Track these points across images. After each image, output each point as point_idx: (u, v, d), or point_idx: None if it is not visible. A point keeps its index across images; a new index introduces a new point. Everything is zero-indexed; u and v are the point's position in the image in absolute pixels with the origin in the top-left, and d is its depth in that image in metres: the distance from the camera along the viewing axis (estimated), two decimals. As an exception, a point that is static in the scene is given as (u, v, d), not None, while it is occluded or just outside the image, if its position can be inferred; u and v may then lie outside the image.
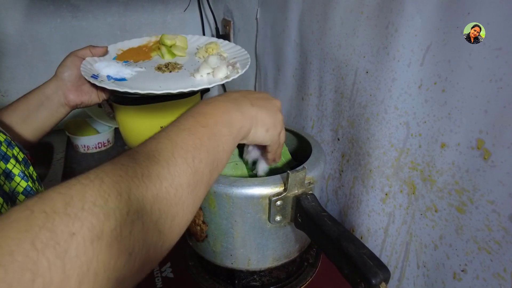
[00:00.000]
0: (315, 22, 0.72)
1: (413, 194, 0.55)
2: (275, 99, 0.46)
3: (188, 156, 0.29)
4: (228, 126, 0.35)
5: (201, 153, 0.30)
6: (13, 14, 1.07)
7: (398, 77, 0.54)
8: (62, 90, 0.59)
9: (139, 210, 0.24)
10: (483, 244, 0.45)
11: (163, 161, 0.27)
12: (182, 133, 0.31)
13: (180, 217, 0.28)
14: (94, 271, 0.21)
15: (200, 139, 0.31)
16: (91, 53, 0.62)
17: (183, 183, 0.28)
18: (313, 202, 0.44)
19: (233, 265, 0.52)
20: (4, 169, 0.40)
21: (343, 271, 0.38)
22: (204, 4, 1.26)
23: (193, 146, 0.30)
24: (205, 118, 0.34)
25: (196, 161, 0.29)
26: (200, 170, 0.30)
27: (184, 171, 0.28)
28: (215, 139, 0.33)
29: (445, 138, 0.48)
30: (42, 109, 0.58)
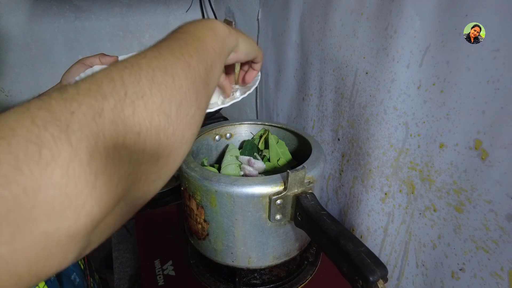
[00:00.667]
0: (316, 23, 0.73)
1: (412, 193, 0.56)
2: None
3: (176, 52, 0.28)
4: (211, 29, 0.35)
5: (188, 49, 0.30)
6: (17, 15, 1.08)
7: (398, 78, 0.54)
8: None
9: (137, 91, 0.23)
10: (481, 243, 0.46)
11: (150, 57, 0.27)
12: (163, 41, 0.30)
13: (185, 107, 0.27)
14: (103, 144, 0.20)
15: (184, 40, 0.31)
16: (100, 61, 0.61)
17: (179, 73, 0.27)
18: (313, 201, 0.44)
19: (233, 263, 0.53)
20: None
21: (342, 269, 0.38)
22: (206, 5, 1.27)
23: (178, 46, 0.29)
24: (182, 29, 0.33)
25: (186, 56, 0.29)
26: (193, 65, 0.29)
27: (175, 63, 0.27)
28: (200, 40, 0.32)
29: (443, 138, 0.49)
30: None
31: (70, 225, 0.18)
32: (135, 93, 0.23)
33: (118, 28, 1.25)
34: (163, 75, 0.26)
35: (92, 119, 0.20)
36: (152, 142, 0.24)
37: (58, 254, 0.18)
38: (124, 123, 0.22)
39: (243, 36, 0.42)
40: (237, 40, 0.40)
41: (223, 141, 0.69)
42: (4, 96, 1.16)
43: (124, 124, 0.22)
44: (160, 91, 0.25)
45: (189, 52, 0.29)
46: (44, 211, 0.17)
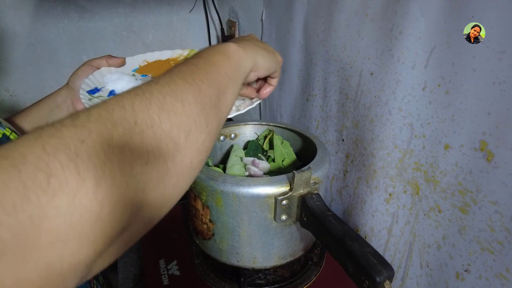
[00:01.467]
0: (320, 24, 0.73)
1: (416, 194, 0.56)
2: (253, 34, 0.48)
3: (187, 77, 0.29)
4: (224, 54, 0.35)
5: (200, 74, 0.30)
6: (22, 15, 1.09)
7: (403, 79, 0.54)
8: (71, 98, 0.59)
9: (147, 120, 0.24)
10: (486, 244, 0.46)
11: (162, 83, 0.27)
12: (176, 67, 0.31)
13: (194, 134, 0.27)
14: (110, 173, 0.20)
15: (196, 65, 0.31)
16: (108, 63, 0.61)
17: (189, 99, 0.27)
18: (318, 202, 0.45)
19: (239, 263, 0.53)
20: None
21: (348, 270, 0.39)
22: (210, 5, 1.27)
23: (190, 71, 0.30)
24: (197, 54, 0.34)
25: (197, 81, 0.29)
26: (204, 90, 0.29)
27: (186, 88, 0.28)
28: (212, 64, 0.32)
29: (448, 139, 0.49)
30: (52, 116, 0.59)
31: (73, 254, 0.18)
32: (145, 121, 0.24)
33: (122, 28, 1.25)
34: (173, 101, 0.26)
35: (101, 147, 0.20)
36: (160, 171, 0.24)
37: (59, 282, 0.18)
38: (132, 152, 0.22)
39: (262, 52, 0.41)
40: (254, 59, 0.40)
41: (227, 141, 0.70)
42: (9, 96, 1.16)
43: (132, 153, 0.22)
44: (169, 118, 0.25)
45: (200, 77, 0.30)
46: (49, 240, 0.17)
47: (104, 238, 0.20)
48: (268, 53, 0.42)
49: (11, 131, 0.43)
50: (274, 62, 0.44)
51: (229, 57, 0.35)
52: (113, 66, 0.62)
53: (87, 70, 0.58)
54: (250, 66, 0.39)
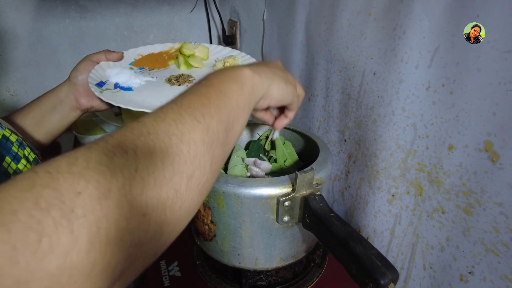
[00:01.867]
0: (322, 24, 0.72)
1: (420, 195, 0.56)
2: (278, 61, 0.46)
3: (197, 113, 0.27)
4: (238, 81, 0.33)
5: (210, 109, 0.28)
6: (23, 15, 1.08)
7: (406, 79, 0.54)
8: (74, 94, 0.59)
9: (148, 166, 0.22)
10: (490, 246, 0.45)
11: (169, 120, 0.26)
12: (187, 96, 0.29)
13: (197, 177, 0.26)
14: (105, 231, 0.19)
15: (207, 96, 0.29)
16: (106, 58, 0.62)
17: (196, 139, 0.26)
18: (321, 203, 0.44)
19: (240, 264, 0.53)
20: (15, 169, 0.40)
21: (351, 272, 0.38)
22: (211, 5, 1.27)
23: (201, 104, 0.28)
24: (208, 81, 0.32)
25: (207, 118, 0.27)
26: (213, 127, 0.28)
27: (194, 127, 0.26)
28: (224, 96, 0.31)
29: (452, 140, 0.49)
30: (55, 112, 0.59)
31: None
32: (146, 168, 0.22)
33: (123, 28, 1.25)
34: (179, 143, 0.25)
35: (98, 202, 0.19)
36: (157, 221, 0.23)
37: None
38: (130, 205, 0.21)
39: (278, 82, 0.39)
40: (268, 86, 0.37)
41: (229, 141, 0.69)
42: (10, 96, 1.16)
43: (130, 205, 0.21)
44: (173, 164, 0.24)
45: (210, 113, 0.28)
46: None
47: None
48: (286, 83, 0.40)
49: (11, 131, 0.43)
50: (291, 94, 0.42)
51: (242, 86, 0.33)
52: (111, 60, 0.63)
53: (87, 65, 0.59)
54: (263, 92, 0.37)
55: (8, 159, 0.39)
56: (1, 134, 0.40)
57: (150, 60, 0.70)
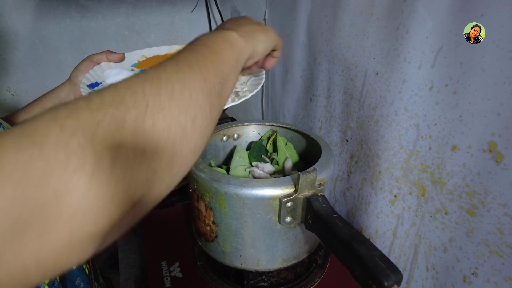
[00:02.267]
0: (324, 23, 0.72)
1: (422, 196, 0.55)
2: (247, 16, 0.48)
3: (194, 67, 0.30)
4: (227, 42, 0.36)
5: (205, 63, 0.31)
6: (24, 15, 1.08)
7: (409, 79, 0.54)
8: (74, 94, 0.60)
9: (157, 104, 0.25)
10: (494, 247, 0.45)
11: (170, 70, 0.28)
12: (183, 53, 0.32)
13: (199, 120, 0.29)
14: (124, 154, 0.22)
15: (202, 54, 0.32)
16: (107, 58, 0.61)
17: (196, 87, 0.29)
18: (324, 204, 0.44)
19: (242, 265, 0.53)
20: None
21: (354, 273, 0.38)
22: (212, 4, 1.27)
23: (196, 59, 0.31)
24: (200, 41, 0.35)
25: (203, 70, 0.30)
26: (209, 79, 0.30)
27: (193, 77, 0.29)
28: (217, 53, 0.34)
29: (456, 140, 0.48)
30: None
31: (91, 226, 0.20)
32: (156, 106, 0.25)
33: (124, 28, 1.24)
34: (182, 89, 0.27)
35: (116, 129, 0.22)
36: (169, 152, 0.25)
37: (79, 250, 0.20)
38: (144, 134, 0.23)
39: (259, 37, 0.42)
40: (253, 46, 0.41)
41: (230, 141, 0.69)
42: (10, 96, 1.16)
43: (144, 134, 0.23)
44: (178, 105, 0.26)
45: (206, 66, 0.31)
46: (70, 213, 0.19)
47: (119, 211, 0.21)
48: (265, 35, 0.43)
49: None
50: (270, 42, 0.45)
51: (232, 46, 0.36)
52: (113, 61, 0.63)
53: (88, 65, 0.59)
54: (250, 52, 0.40)
55: None
56: None
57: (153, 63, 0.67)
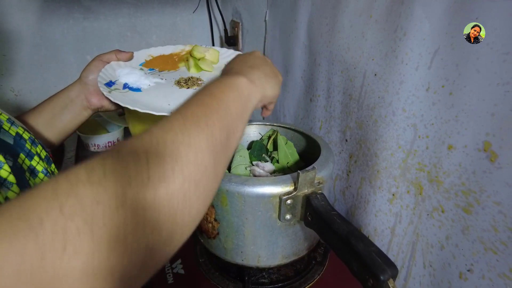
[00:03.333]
0: (324, 25, 0.73)
1: (420, 194, 0.56)
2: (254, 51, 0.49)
3: (201, 123, 0.29)
4: (235, 90, 0.36)
5: (213, 117, 0.31)
6: (27, 16, 1.10)
7: (406, 80, 0.55)
8: (85, 93, 0.60)
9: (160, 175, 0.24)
10: (489, 244, 0.46)
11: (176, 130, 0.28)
12: (190, 106, 0.31)
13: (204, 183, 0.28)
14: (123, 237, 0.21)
15: (209, 107, 0.31)
16: (117, 57, 0.62)
17: (202, 146, 0.28)
18: (323, 201, 0.45)
19: (243, 262, 0.54)
20: (29, 166, 0.41)
21: (352, 268, 0.39)
22: (213, 5, 1.28)
23: (203, 113, 0.30)
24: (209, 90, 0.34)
25: (210, 124, 0.30)
26: (216, 134, 0.30)
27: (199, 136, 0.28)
28: (224, 105, 0.33)
29: (452, 140, 0.49)
30: (66, 112, 0.60)
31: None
32: (158, 177, 0.24)
33: (126, 29, 1.26)
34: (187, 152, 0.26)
35: (116, 209, 0.21)
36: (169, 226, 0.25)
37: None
38: (144, 210, 0.23)
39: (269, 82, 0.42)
40: (263, 91, 0.41)
41: (231, 141, 0.70)
42: (14, 96, 1.17)
43: (144, 211, 0.23)
44: (182, 171, 0.26)
45: (213, 120, 0.30)
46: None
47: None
48: (275, 80, 0.44)
49: (24, 129, 0.44)
50: (278, 88, 0.45)
51: (240, 94, 0.36)
52: (122, 60, 0.63)
53: (98, 65, 0.60)
54: (259, 98, 0.40)
55: (23, 155, 0.40)
56: (15, 132, 0.41)
57: (160, 62, 0.69)
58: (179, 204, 0.25)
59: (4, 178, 0.35)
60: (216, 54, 0.71)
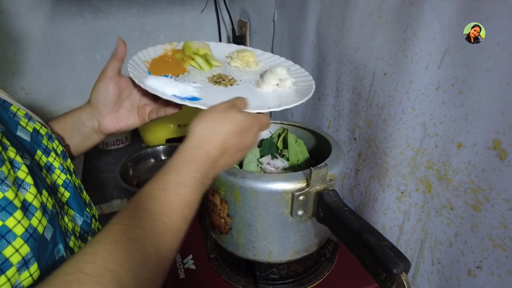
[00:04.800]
0: (333, 25, 0.74)
1: (428, 192, 0.57)
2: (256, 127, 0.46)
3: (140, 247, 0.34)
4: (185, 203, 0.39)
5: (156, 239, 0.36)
6: (38, 15, 1.11)
7: (416, 79, 0.56)
8: (97, 118, 0.55)
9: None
10: (498, 241, 0.47)
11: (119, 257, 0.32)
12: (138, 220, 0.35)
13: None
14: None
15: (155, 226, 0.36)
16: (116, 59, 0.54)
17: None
18: (335, 198, 0.46)
19: (255, 257, 0.55)
20: (46, 162, 0.42)
21: (364, 262, 0.40)
22: (221, 5, 1.29)
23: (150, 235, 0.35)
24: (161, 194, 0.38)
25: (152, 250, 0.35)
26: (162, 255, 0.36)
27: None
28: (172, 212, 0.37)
29: (461, 138, 0.50)
30: (76, 135, 0.55)
31: None
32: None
33: (134, 28, 1.27)
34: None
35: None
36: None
37: None
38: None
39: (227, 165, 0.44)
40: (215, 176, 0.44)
41: (241, 139, 0.71)
42: (24, 94, 1.19)
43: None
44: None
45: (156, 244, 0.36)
46: None
47: None
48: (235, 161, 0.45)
49: (41, 124, 0.44)
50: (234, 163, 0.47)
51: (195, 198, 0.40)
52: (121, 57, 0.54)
53: (107, 85, 0.54)
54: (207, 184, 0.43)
55: (39, 152, 0.41)
56: (32, 128, 0.42)
57: (162, 67, 0.62)
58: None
59: (22, 180, 0.34)
60: (208, 46, 0.68)
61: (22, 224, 0.31)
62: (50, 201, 0.37)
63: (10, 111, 0.40)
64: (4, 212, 0.31)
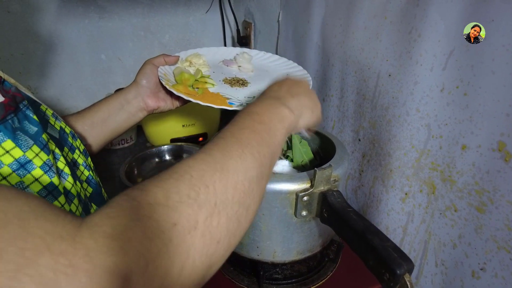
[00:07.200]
0: (338, 26, 0.74)
1: (432, 194, 0.57)
2: (301, 80, 0.51)
3: (255, 152, 0.32)
4: (281, 121, 0.39)
5: (263, 148, 0.34)
6: (44, 15, 1.12)
7: (421, 80, 0.56)
8: (142, 96, 0.63)
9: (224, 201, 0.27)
10: (502, 243, 0.47)
11: (236, 157, 0.30)
12: (244, 132, 0.34)
13: (252, 209, 0.31)
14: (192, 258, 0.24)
15: (260, 135, 0.35)
16: (165, 61, 0.64)
17: (254, 176, 0.31)
18: (339, 198, 0.46)
19: (259, 257, 0.55)
20: (72, 159, 0.44)
21: (368, 263, 0.40)
22: (226, 6, 1.29)
23: (257, 142, 0.34)
24: (259, 116, 0.37)
25: (261, 155, 0.33)
26: (264, 163, 0.33)
27: (253, 165, 0.31)
28: (272, 134, 0.36)
29: (466, 140, 0.50)
30: (122, 112, 0.62)
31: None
32: (222, 202, 0.27)
33: (140, 28, 1.28)
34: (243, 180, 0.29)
35: (188, 232, 0.24)
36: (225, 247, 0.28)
37: None
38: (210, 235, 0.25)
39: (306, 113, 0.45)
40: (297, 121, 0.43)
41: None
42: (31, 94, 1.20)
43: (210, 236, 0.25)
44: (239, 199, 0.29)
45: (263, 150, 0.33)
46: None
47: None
48: (311, 113, 0.46)
49: (65, 124, 0.47)
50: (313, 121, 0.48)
51: (284, 126, 0.39)
52: (169, 64, 0.66)
53: (152, 68, 0.62)
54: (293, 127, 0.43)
55: (66, 149, 0.43)
56: (59, 126, 0.44)
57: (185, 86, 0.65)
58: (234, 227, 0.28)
59: (61, 169, 0.38)
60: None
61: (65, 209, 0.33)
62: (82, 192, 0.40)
63: (41, 110, 0.43)
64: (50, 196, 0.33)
